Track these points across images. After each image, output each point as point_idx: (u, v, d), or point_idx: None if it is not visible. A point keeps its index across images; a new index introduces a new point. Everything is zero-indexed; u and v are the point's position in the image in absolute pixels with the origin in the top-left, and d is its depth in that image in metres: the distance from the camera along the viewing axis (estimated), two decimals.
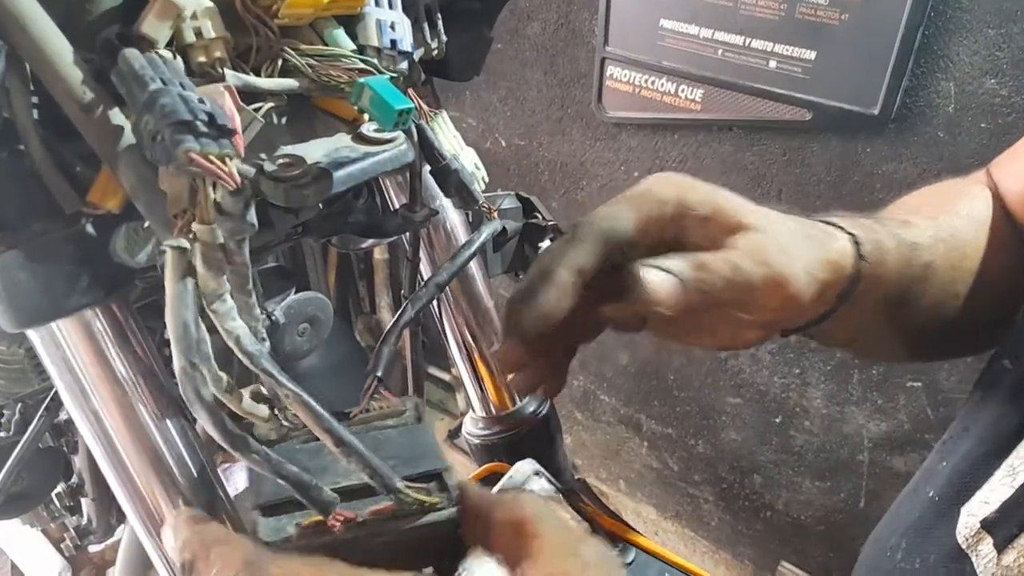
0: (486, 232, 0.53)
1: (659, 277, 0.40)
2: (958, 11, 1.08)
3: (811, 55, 1.20)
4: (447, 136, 0.49)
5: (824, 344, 0.56)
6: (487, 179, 0.51)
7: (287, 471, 0.35)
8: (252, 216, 0.35)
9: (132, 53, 0.36)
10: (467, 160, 0.50)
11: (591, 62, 1.49)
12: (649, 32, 1.37)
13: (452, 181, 0.49)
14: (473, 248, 0.52)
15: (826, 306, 0.47)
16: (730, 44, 1.28)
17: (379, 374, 0.48)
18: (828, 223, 0.48)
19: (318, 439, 0.42)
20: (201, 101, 0.34)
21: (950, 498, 0.48)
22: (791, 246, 0.43)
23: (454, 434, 2.10)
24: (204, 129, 0.33)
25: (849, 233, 0.47)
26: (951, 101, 1.14)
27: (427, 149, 0.48)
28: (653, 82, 1.41)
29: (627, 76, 1.44)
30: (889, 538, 0.54)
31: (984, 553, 0.44)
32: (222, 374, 0.36)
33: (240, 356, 0.35)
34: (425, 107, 0.46)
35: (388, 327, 0.50)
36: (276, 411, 0.42)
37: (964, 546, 0.45)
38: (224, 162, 0.33)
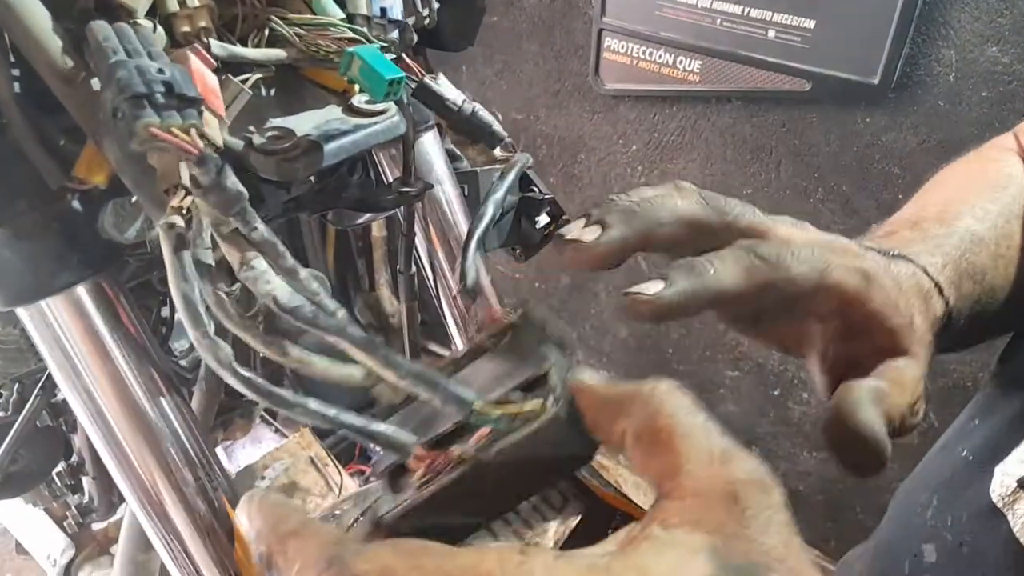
0: (521, 160, 0.51)
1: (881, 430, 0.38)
2: None
3: (810, 24, 1.19)
4: (450, 91, 0.48)
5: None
6: (502, 121, 0.50)
7: (343, 420, 0.33)
8: (232, 182, 0.33)
9: (98, 25, 0.34)
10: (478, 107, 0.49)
11: (588, 34, 1.47)
12: (646, 2, 1.35)
13: (474, 124, 0.48)
14: (515, 171, 0.50)
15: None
16: (728, 14, 1.26)
17: (469, 285, 0.44)
18: (923, 271, 0.45)
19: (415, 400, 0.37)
20: (161, 71, 0.32)
21: (984, 457, 0.48)
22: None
23: None
24: (162, 100, 0.32)
25: (944, 297, 0.44)
26: (952, 69, 1.13)
27: (436, 103, 0.46)
28: (651, 53, 1.39)
29: (625, 48, 1.43)
30: (920, 495, 0.54)
31: (1020, 512, 0.44)
32: (225, 345, 0.34)
33: (282, 315, 0.34)
34: (420, 70, 0.45)
35: (463, 246, 0.46)
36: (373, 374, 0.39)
37: (1000, 504, 0.45)
38: (189, 133, 0.32)
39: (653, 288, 0.36)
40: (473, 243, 0.45)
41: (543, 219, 0.55)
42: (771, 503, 0.27)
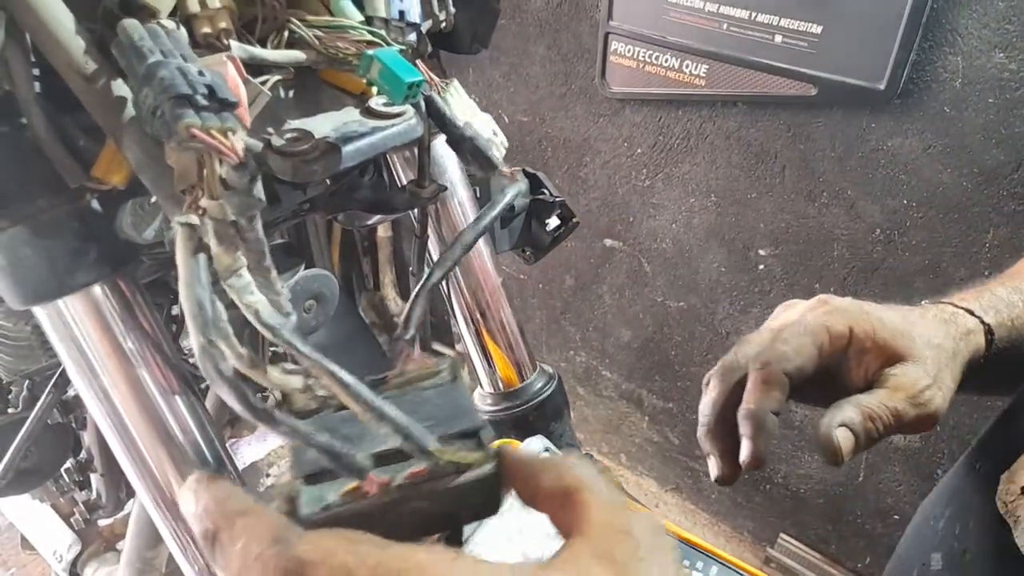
0: (510, 194, 0.52)
1: (843, 436, 0.47)
2: None
3: (817, 29, 1.19)
4: (461, 104, 0.48)
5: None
6: (507, 144, 0.50)
7: (316, 440, 0.34)
8: (259, 191, 0.35)
9: (131, 23, 0.35)
10: (483, 126, 0.49)
11: (595, 37, 1.48)
12: (653, 6, 1.35)
13: (467, 148, 0.48)
14: (497, 210, 0.51)
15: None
16: (735, 18, 1.26)
17: (412, 334, 0.46)
18: (970, 312, 0.55)
19: None
20: (201, 74, 0.33)
21: (992, 467, 0.49)
22: (941, 374, 0.51)
23: None
24: (204, 103, 0.32)
25: (985, 325, 0.55)
26: (958, 76, 1.13)
27: (439, 119, 0.47)
28: (657, 57, 1.39)
29: (631, 51, 1.43)
30: (935, 507, 0.55)
31: (1023, 519, 0.44)
32: (243, 349, 0.35)
33: (261, 329, 0.35)
34: (435, 77, 0.45)
35: (416, 289, 0.48)
36: (311, 382, 0.41)
37: (1003, 512, 0.46)
38: (226, 136, 0.33)
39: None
40: (427, 288, 0.47)
41: (553, 221, 0.55)
42: (662, 546, 0.32)
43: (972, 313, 0.54)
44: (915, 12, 1.09)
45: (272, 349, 0.73)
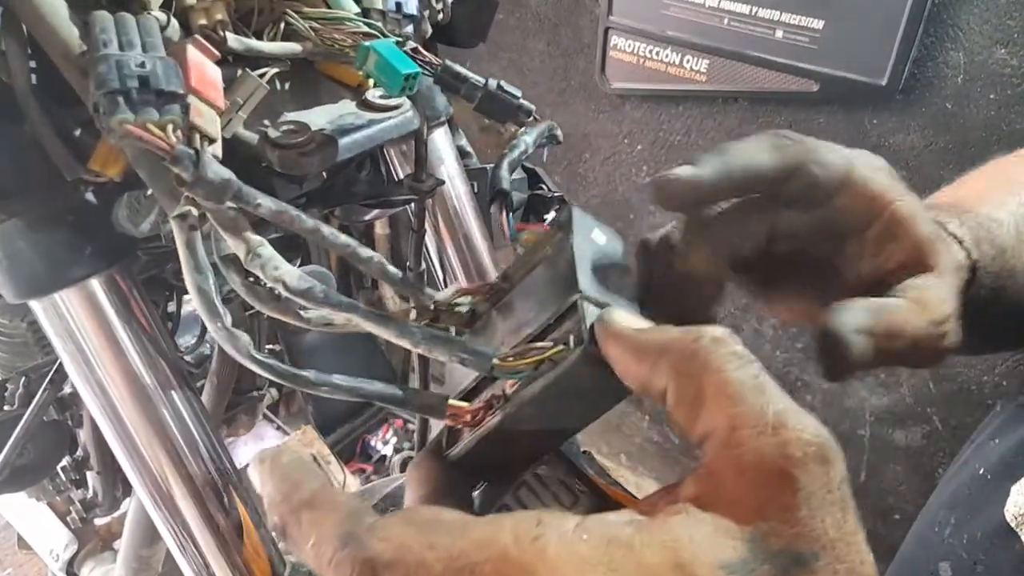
0: (538, 128, 0.51)
1: (860, 343, 0.34)
2: None
3: (819, 24, 1.19)
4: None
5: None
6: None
7: (367, 391, 0.33)
8: (214, 171, 0.32)
9: (100, 15, 0.34)
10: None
11: (594, 32, 1.47)
12: (653, 1, 1.34)
13: (500, 102, 0.46)
14: (538, 131, 0.50)
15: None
16: (736, 13, 1.26)
17: (504, 187, 0.43)
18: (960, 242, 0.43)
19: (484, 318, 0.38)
20: (142, 65, 0.32)
21: (1000, 475, 0.47)
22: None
23: None
24: (137, 96, 0.31)
25: (971, 260, 0.42)
26: (960, 71, 1.12)
27: (459, 81, 0.45)
28: (657, 52, 1.39)
29: (631, 46, 1.42)
30: (938, 513, 0.53)
31: None
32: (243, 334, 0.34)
33: (294, 298, 0.33)
34: (435, 60, 0.44)
35: (496, 162, 0.46)
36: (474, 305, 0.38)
37: (1013, 524, 0.45)
38: (164, 130, 0.31)
39: (685, 171, 0.35)
40: (504, 167, 0.44)
41: (551, 216, 0.55)
42: (828, 480, 0.24)
43: (961, 244, 0.43)
44: (917, 7, 1.08)
45: (268, 347, 0.73)
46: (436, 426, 0.68)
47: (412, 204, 0.57)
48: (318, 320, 0.35)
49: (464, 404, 0.34)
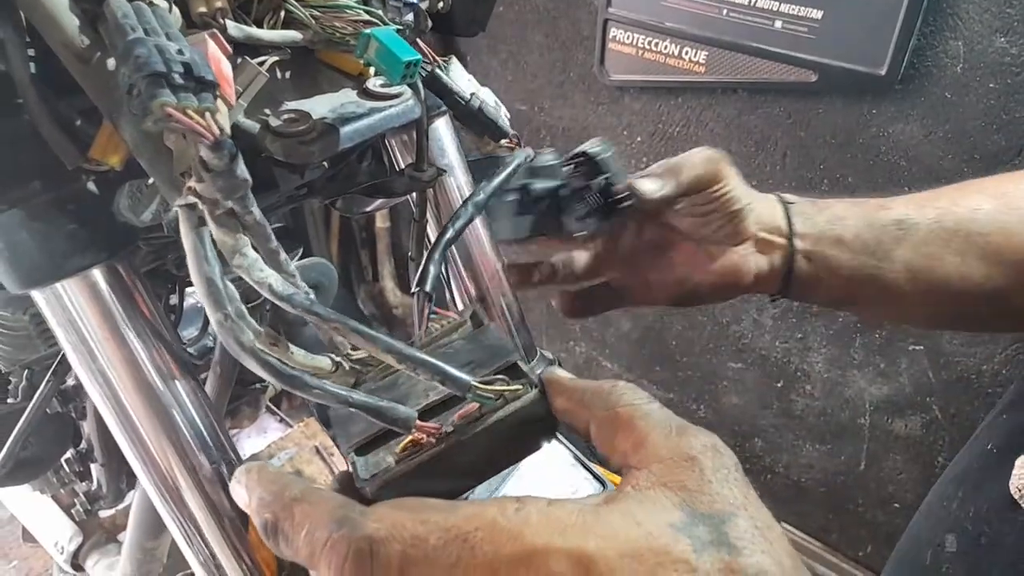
0: (519, 158, 0.52)
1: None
2: None
3: (817, 14, 1.18)
4: (462, 79, 0.48)
5: (824, 306, 0.67)
6: (508, 115, 0.50)
7: (354, 399, 0.34)
8: (242, 171, 0.33)
9: (117, 1, 0.34)
10: (487, 98, 0.49)
11: (593, 24, 1.47)
12: None
13: (478, 118, 0.48)
14: (508, 171, 0.51)
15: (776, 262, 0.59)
16: (735, 4, 1.26)
17: (428, 290, 0.46)
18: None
19: (390, 376, 0.41)
20: (181, 52, 0.32)
21: (1006, 450, 0.49)
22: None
23: None
24: (180, 81, 0.32)
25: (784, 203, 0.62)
26: (960, 60, 1.12)
27: (445, 94, 0.46)
28: (656, 44, 1.39)
29: (630, 38, 1.42)
30: (947, 487, 0.55)
31: None
32: (260, 328, 0.35)
33: (277, 303, 0.34)
34: (434, 55, 0.44)
35: (431, 246, 0.48)
36: (339, 360, 0.41)
37: (1017, 496, 0.46)
38: (204, 116, 0.32)
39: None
40: (442, 245, 0.46)
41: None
42: (726, 464, 0.31)
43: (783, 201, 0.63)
44: None
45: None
46: None
47: (413, 194, 0.57)
48: (304, 362, 0.37)
49: (433, 424, 0.36)
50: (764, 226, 0.61)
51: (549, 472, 0.52)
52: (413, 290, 0.45)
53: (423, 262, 0.46)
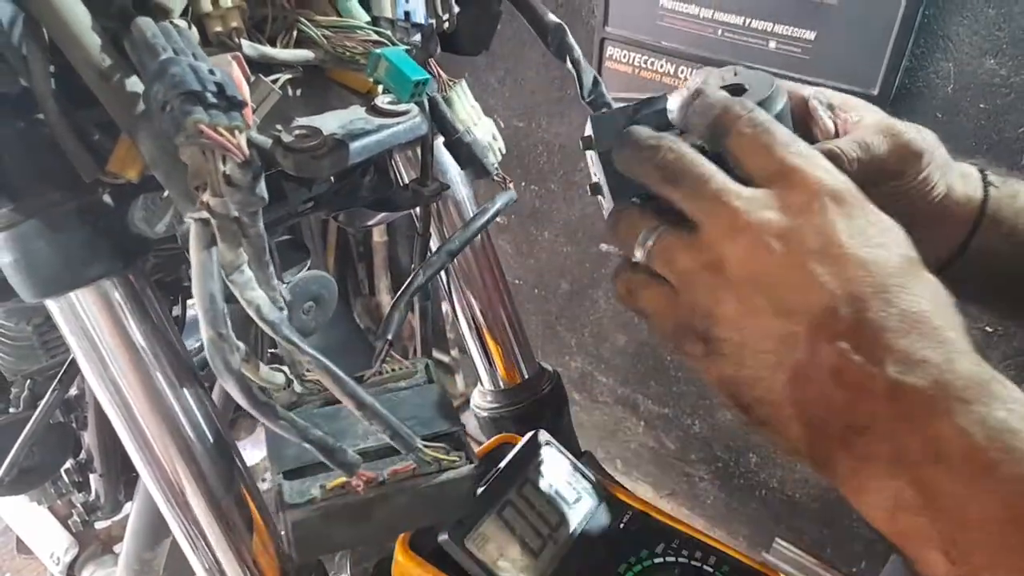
0: (500, 202, 0.53)
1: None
2: None
3: (811, 35, 1.21)
4: (465, 106, 0.49)
5: (962, 296, 0.57)
6: (504, 150, 0.51)
7: (313, 436, 0.36)
8: (262, 188, 0.35)
9: (145, 21, 0.36)
10: (483, 131, 0.50)
11: (590, 43, 1.49)
12: (649, 12, 1.36)
13: (464, 153, 0.50)
14: (486, 217, 0.53)
15: (960, 229, 0.50)
16: (730, 24, 1.28)
17: (389, 338, 0.48)
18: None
19: (333, 403, 0.43)
20: (212, 72, 0.34)
21: None
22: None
23: None
24: (213, 100, 0.33)
25: (984, 175, 0.51)
26: (950, 81, 1.14)
27: (440, 121, 0.48)
28: (652, 63, 1.41)
29: (626, 57, 1.44)
30: None
31: None
32: (240, 344, 0.36)
33: (261, 325, 0.36)
34: (444, 76, 0.46)
35: (399, 293, 0.50)
36: (292, 378, 0.43)
37: None
38: (233, 134, 0.33)
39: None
40: (410, 292, 0.48)
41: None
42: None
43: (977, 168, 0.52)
44: (907, 18, 1.10)
45: (271, 351, 0.74)
46: None
47: (417, 209, 0.58)
48: (264, 377, 0.38)
49: (371, 473, 0.39)
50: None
51: (551, 479, 0.52)
52: (378, 335, 0.48)
53: (389, 309, 0.48)
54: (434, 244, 0.62)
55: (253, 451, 1.55)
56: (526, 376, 0.66)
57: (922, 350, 0.32)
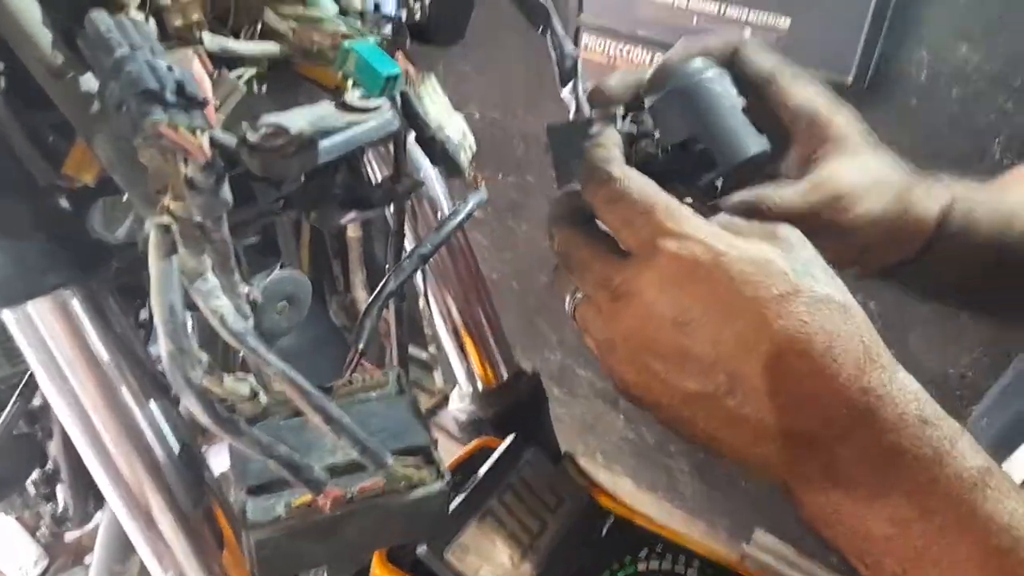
0: (472, 203, 0.52)
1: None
2: None
3: (786, 23, 1.20)
4: (435, 101, 0.48)
5: (922, 295, 0.59)
6: (475, 148, 0.50)
7: (278, 452, 0.34)
8: (226, 192, 0.33)
9: (98, 15, 0.34)
10: (454, 128, 0.48)
11: (566, 31, 1.47)
12: (623, 0, 1.35)
13: (437, 151, 0.48)
14: (459, 219, 0.51)
15: (917, 242, 0.51)
16: (705, 12, 1.27)
17: (361, 346, 0.47)
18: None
19: (300, 415, 0.41)
20: (170, 69, 0.32)
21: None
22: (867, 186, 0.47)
23: (432, 412, 2.09)
24: (173, 99, 0.31)
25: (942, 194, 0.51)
26: (923, 68, 1.15)
27: (411, 118, 0.47)
28: (628, 52, 1.40)
29: (602, 46, 1.43)
30: None
31: None
32: (203, 354, 0.34)
33: (225, 336, 0.34)
34: (414, 71, 0.44)
35: (370, 300, 0.49)
36: (258, 389, 0.41)
37: None
38: (194, 134, 0.31)
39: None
40: (382, 299, 0.47)
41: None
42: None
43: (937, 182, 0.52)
44: (880, 5, 1.11)
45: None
46: None
47: (390, 206, 0.57)
48: (229, 388, 0.36)
49: (338, 491, 0.37)
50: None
51: (531, 486, 0.51)
52: (349, 342, 0.46)
53: (360, 317, 0.46)
54: (409, 242, 0.60)
55: (224, 458, 1.52)
56: (505, 377, 0.64)
57: (810, 389, 0.34)
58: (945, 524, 0.34)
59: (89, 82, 0.35)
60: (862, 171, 0.48)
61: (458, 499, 0.47)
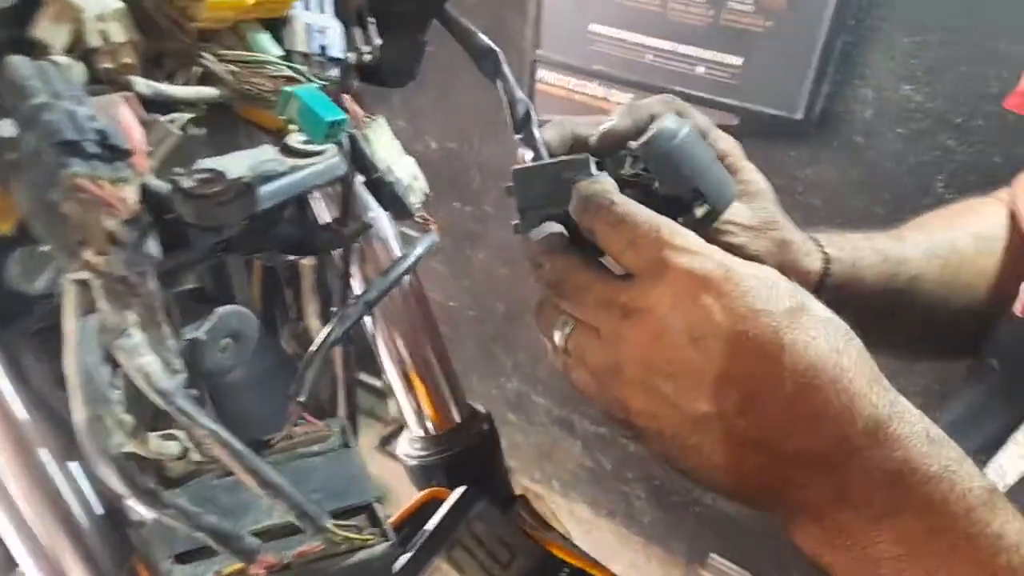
0: (421, 247, 0.51)
1: None
2: (876, 20, 1.11)
3: (738, 61, 1.23)
4: (383, 144, 0.46)
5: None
6: (427, 190, 0.48)
7: (205, 523, 0.32)
8: (151, 245, 0.32)
9: (17, 60, 0.32)
10: (404, 171, 0.47)
11: (522, 65, 1.48)
12: (579, 36, 1.36)
13: (385, 193, 0.47)
14: (407, 264, 0.50)
15: None
16: (659, 49, 1.29)
17: (302, 399, 0.45)
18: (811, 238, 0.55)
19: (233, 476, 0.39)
20: (93, 118, 0.30)
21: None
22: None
23: (387, 440, 2.05)
24: (95, 149, 0.30)
25: (823, 251, 0.54)
26: (869, 106, 1.18)
27: (359, 160, 0.45)
28: (584, 86, 1.41)
29: (557, 80, 1.44)
30: None
31: None
32: (125, 416, 0.32)
33: (151, 395, 0.32)
34: (361, 113, 0.43)
35: (312, 347, 0.47)
36: (189, 446, 0.39)
37: None
38: (118, 187, 0.30)
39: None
40: (324, 348, 0.45)
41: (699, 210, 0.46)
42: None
43: (815, 241, 0.55)
44: (828, 46, 1.14)
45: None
46: None
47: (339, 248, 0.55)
48: (156, 449, 0.35)
49: (273, 558, 0.36)
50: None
51: (482, 539, 0.49)
52: (289, 395, 0.44)
53: (301, 367, 0.44)
54: (357, 284, 0.58)
55: None
56: (457, 420, 0.63)
57: (823, 405, 0.34)
58: (955, 543, 0.33)
59: (7, 128, 0.32)
60: (758, 212, 0.52)
61: (404, 558, 0.45)
